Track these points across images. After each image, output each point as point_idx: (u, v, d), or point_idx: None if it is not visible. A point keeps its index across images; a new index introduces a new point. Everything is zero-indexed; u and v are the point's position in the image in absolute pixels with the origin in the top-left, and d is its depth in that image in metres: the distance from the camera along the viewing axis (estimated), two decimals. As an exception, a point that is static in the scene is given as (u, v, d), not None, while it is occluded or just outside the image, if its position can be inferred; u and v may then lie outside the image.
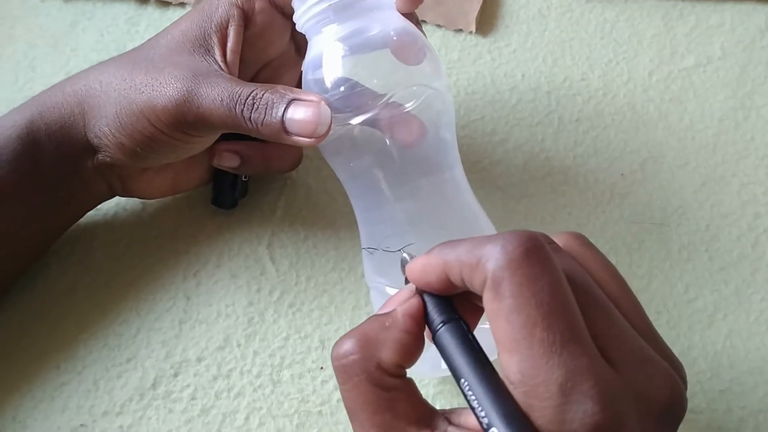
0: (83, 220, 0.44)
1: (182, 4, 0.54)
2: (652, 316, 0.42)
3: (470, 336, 0.28)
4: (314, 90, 0.37)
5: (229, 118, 0.37)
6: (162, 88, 0.37)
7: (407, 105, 0.36)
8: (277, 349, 0.41)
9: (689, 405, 0.40)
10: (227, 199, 0.45)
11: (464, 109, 0.49)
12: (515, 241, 0.26)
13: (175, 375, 0.41)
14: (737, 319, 0.42)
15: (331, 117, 0.36)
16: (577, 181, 0.47)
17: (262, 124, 0.36)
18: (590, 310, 0.26)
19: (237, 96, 0.36)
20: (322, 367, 0.41)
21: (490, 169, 0.47)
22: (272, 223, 0.45)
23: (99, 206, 0.45)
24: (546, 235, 0.28)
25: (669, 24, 0.53)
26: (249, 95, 0.36)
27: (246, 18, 0.40)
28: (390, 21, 0.37)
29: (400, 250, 0.34)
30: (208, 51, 0.39)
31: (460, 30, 0.53)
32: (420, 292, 0.29)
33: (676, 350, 0.41)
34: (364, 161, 0.37)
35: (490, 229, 0.39)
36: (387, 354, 0.28)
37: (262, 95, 0.36)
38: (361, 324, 0.29)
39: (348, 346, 0.28)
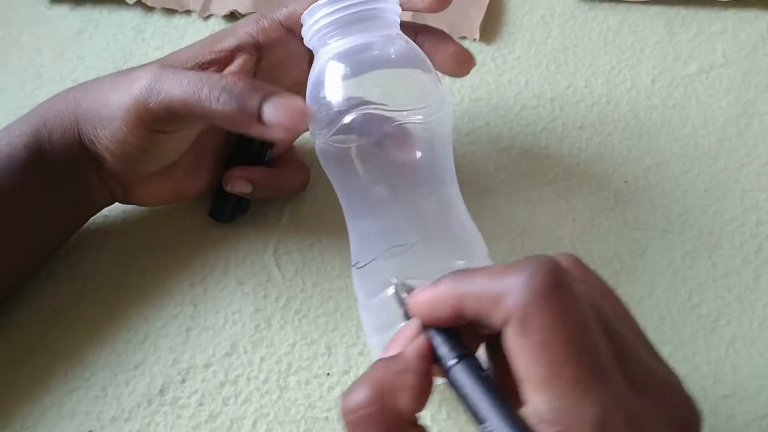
0: (91, 227, 0.45)
1: (188, 12, 0.55)
2: (655, 322, 0.43)
3: (485, 374, 0.27)
4: (314, 103, 0.37)
5: (192, 98, 0.35)
6: (132, 84, 0.37)
7: (407, 122, 0.36)
8: (283, 356, 0.42)
9: (693, 411, 0.40)
10: (225, 215, 0.45)
11: (469, 115, 0.50)
12: (540, 273, 0.25)
13: (183, 381, 0.41)
14: (740, 325, 0.42)
15: (310, 112, 0.35)
16: (581, 187, 0.47)
17: (232, 106, 0.35)
18: (612, 341, 0.26)
19: (205, 79, 0.35)
20: (328, 374, 0.41)
21: (494, 174, 0.47)
22: (278, 230, 0.46)
23: (107, 214, 0.45)
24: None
25: (672, 31, 0.53)
26: (219, 78, 0.35)
27: (259, 49, 0.40)
28: (393, 39, 0.38)
29: (394, 283, 0.33)
30: (201, 67, 0.39)
31: (464, 37, 0.53)
32: (425, 326, 0.28)
33: (679, 356, 0.42)
34: (360, 177, 0.37)
35: (482, 249, 0.38)
36: (405, 402, 0.26)
37: (237, 81, 0.35)
38: (370, 371, 0.27)
39: (360, 396, 0.26)
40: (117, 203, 0.45)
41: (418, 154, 0.37)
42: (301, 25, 0.39)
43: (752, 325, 0.42)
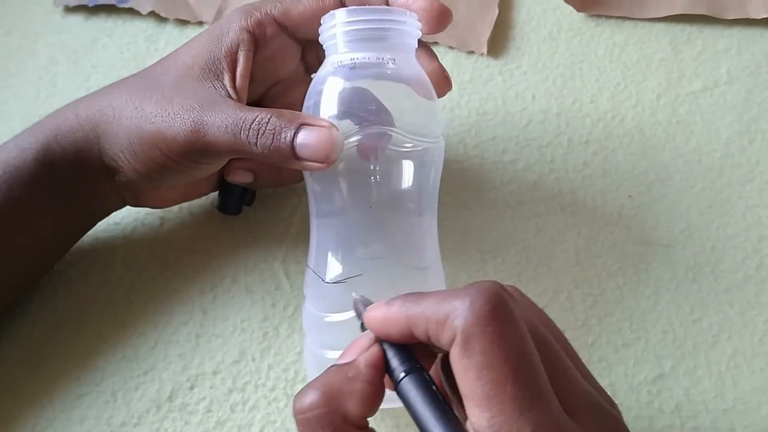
0: (103, 234, 0.45)
1: (201, 23, 0.56)
2: (658, 336, 0.43)
3: (433, 387, 0.28)
4: (312, 103, 0.38)
5: (235, 145, 0.37)
6: (171, 120, 0.38)
7: (400, 146, 0.37)
8: (291, 363, 0.42)
9: (694, 424, 0.41)
10: (234, 207, 0.46)
11: (476, 129, 0.50)
12: (483, 297, 0.27)
13: (192, 387, 0.42)
14: (741, 340, 0.43)
15: (343, 142, 0.36)
16: (585, 201, 0.48)
17: (269, 149, 0.36)
18: (549, 364, 0.27)
19: (241, 122, 0.37)
20: (335, 382, 0.41)
21: (500, 188, 0.48)
22: (287, 239, 0.46)
23: (118, 221, 0.46)
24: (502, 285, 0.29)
25: (677, 48, 0.54)
26: (254, 120, 0.37)
27: (256, 43, 0.40)
28: (402, 61, 0.38)
29: (354, 294, 0.34)
30: (217, 76, 0.39)
31: (472, 52, 0.54)
32: (379, 340, 0.30)
33: (680, 370, 0.42)
34: (342, 190, 0.37)
35: (440, 282, 0.39)
36: (353, 406, 0.28)
37: (268, 120, 0.36)
38: (322, 375, 0.29)
39: (312, 398, 0.28)
40: (128, 210, 0.46)
41: (404, 178, 0.38)
42: (297, 25, 0.40)
43: (753, 339, 0.43)
